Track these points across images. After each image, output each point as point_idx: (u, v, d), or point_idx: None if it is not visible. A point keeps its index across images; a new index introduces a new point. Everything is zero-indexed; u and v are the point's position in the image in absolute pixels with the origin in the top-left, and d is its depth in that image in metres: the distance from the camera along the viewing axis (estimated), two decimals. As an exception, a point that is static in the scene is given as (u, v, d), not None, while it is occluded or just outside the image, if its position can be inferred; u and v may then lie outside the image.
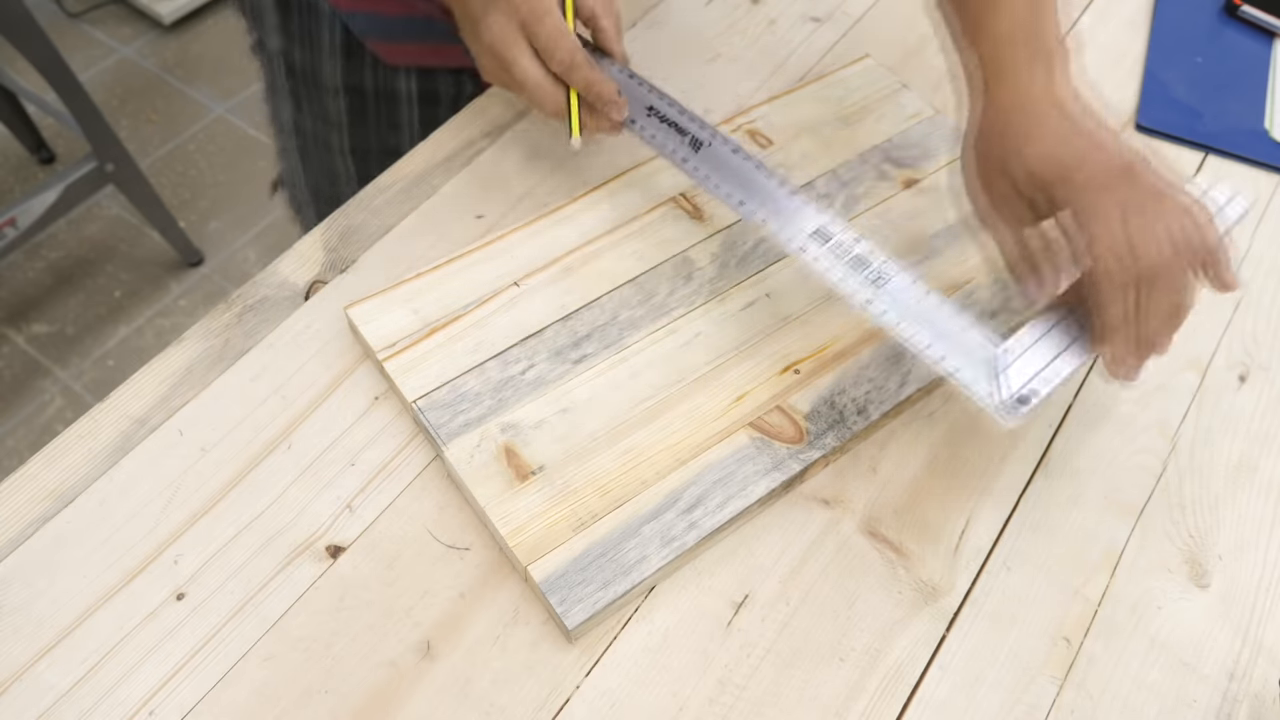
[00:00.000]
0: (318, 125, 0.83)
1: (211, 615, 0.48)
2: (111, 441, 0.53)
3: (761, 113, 0.68)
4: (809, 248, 0.53)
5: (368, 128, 0.83)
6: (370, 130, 0.83)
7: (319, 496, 0.52)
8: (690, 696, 0.47)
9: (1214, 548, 0.53)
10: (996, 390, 0.48)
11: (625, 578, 0.48)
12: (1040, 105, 0.50)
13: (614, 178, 0.64)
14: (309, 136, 0.85)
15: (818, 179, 0.64)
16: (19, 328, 1.63)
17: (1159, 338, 0.47)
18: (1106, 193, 0.46)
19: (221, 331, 0.58)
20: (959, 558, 0.52)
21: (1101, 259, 0.46)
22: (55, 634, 0.47)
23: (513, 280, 0.59)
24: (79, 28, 2.05)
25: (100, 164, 1.48)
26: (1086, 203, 0.47)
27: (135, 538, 0.50)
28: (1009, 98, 0.51)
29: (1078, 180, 0.47)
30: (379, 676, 0.47)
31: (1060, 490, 0.55)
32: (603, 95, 0.58)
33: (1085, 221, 0.46)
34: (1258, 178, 0.70)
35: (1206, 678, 0.49)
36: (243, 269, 1.72)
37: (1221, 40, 0.78)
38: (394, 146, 0.79)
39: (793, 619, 0.50)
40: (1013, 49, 0.52)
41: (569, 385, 0.54)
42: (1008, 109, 0.51)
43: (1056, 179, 0.48)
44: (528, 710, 0.46)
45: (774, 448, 0.53)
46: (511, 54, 0.58)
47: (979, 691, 0.48)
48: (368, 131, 0.83)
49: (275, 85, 0.83)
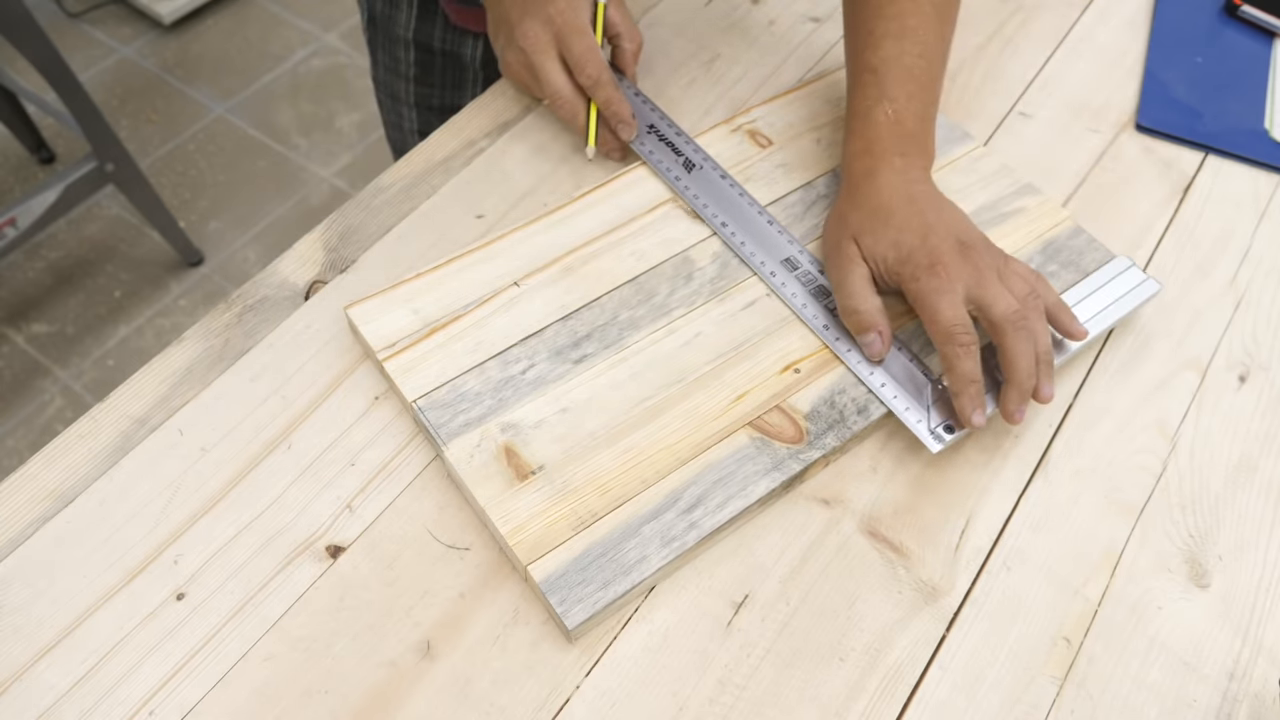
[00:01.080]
0: (389, 75, 0.89)
1: (211, 615, 0.48)
2: (111, 441, 0.53)
3: (761, 113, 0.68)
4: (778, 273, 0.59)
5: (432, 85, 0.87)
6: (435, 87, 0.87)
7: (319, 496, 0.52)
8: (690, 696, 0.47)
9: (1214, 548, 0.53)
10: (925, 419, 0.54)
11: (625, 577, 0.48)
12: (895, 200, 0.56)
13: (614, 178, 0.64)
14: (382, 85, 0.91)
15: (818, 179, 0.64)
16: (19, 328, 1.64)
17: (1029, 382, 0.52)
18: (944, 269, 0.52)
19: (221, 331, 0.58)
20: (959, 558, 0.52)
21: (940, 326, 0.52)
22: (55, 634, 0.47)
23: (513, 280, 0.59)
24: (79, 28, 2.05)
25: (100, 164, 1.48)
26: (925, 283, 0.53)
27: (135, 538, 0.50)
28: (873, 195, 0.56)
29: (919, 260, 0.53)
30: (379, 676, 0.47)
31: (1060, 490, 0.55)
32: (619, 114, 0.64)
33: (925, 297, 0.53)
34: (1258, 178, 0.70)
35: (1206, 678, 0.49)
36: (243, 269, 1.72)
37: (1221, 40, 0.78)
38: (455, 105, 0.81)
39: (793, 619, 0.50)
40: (880, 145, 0.58)
41: (569, 385, 0.54)
42: (870, 204, 0.56)
43: (900, 260, 0.54)
44: (528, 710, 0.46)
45: (774, 447, 0.53)
46: (542, 61, 0.63)
47: (979, 691, 0.48)
48: (432, 89, 0.88)
49: (367, 35, 0.89)
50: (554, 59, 0.64)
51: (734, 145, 0.66)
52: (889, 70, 0.58)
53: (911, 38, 0.59)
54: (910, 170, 0.57)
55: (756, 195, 0.63)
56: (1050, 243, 0.62)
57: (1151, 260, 0.65)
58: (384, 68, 0.89)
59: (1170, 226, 0.66)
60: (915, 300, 0.53)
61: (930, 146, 0.60)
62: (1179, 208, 0.68)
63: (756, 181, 0.64)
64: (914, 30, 0.59)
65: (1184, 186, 0.69)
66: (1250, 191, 0.69)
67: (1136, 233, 0.66)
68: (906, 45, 0.59)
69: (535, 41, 0.63)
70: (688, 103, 0.71)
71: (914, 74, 0.58)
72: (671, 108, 0.70)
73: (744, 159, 0.65)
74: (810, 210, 0.63)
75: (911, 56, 0.59)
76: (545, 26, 0.63)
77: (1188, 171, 0.70)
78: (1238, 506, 0.55)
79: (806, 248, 0.60)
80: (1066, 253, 0.61)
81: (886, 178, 0.56)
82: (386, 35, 0.85)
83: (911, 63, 0.59)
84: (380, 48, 0.87)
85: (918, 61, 0.59)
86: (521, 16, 0.64)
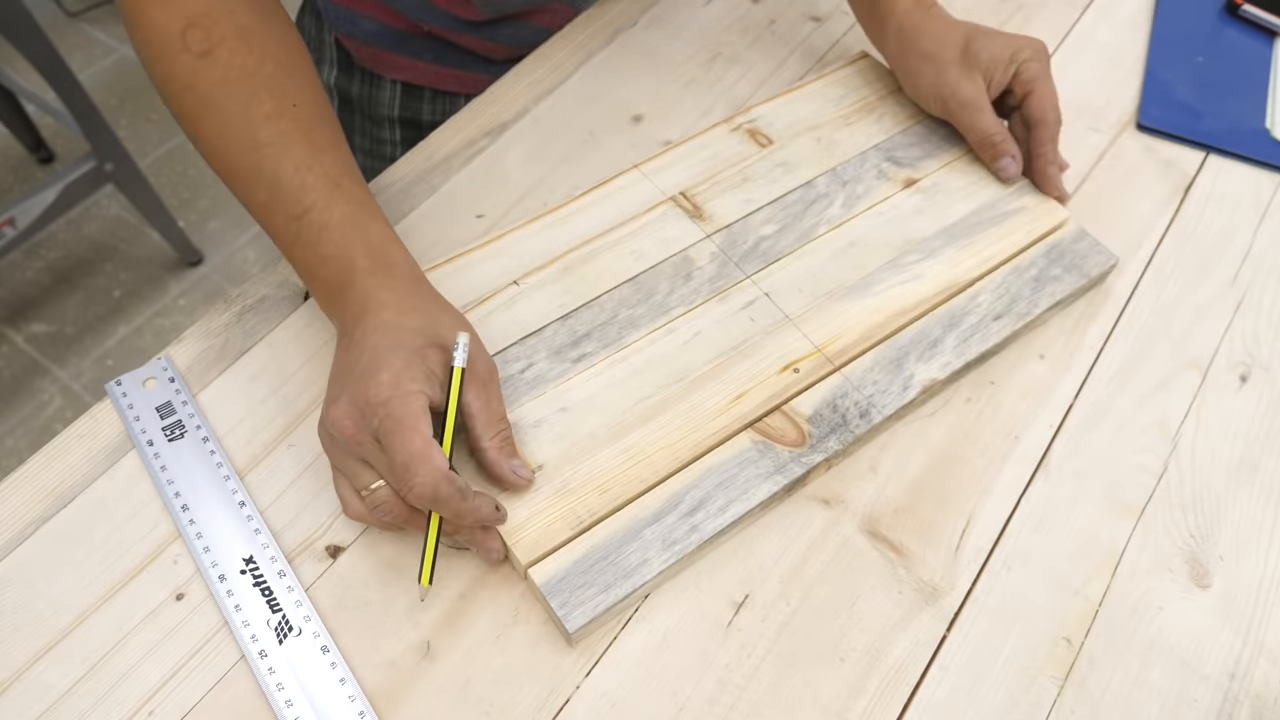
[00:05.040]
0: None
1: (211, 615, 0.48)
2: (111, 441, 0.53)
3: (761, 112, 0.68)
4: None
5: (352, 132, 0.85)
6: (355, 134, 0.85)
7: (319, 496, 0.52)
8: (690, 697, 0.47)
9: (1215, 548, 0.53)
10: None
11: (626, 581, 0.48)
12: (955, 23, 0.66)
13: (614, 177, 0.64)
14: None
15: (818, 179, 0.64)
16: (18, 327, 1.63)
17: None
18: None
19: (221, 331, 0.58)
20: (959, 558, 0.52)
21: (1055, 103, 0.63)
22: (55, 634, 0.47)
23: (512, 279, 0.58)
24: (78, 27, 2.05)
25: (99, 163, 1.48)
26: (1044, 65, 0.64)
27: (135, 538, 0.50)
28: (947, 20, 0.66)
29: (1035, 45, 0.64)
30: (379, 676, 0.47)
31: (1061, 490, 0.55)
32: (481, 525, 0.47)
33: (1036, 76, 0.63)
34: (1258, 177, 0.70)
35: (1207, 678, 0.49)
36: (242, 269, 1.72)
37: (1222, 40, 0.78)
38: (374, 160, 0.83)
39: (793, 619, 0.49)
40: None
41: (568, 384, 0.54)
42: (954, 25, 0.66)
43: (1019, 48, 0.63)
44: (528, 710, 0.46)
45: (776, 451, 0.53)
46: (342, 465, 0.47)
47: (980, 692, 0.48)
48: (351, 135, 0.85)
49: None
50: (359, 465, 0.46)
51: (734, 145, 0.66)
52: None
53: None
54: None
55: (756, 195, 0.63)
56: (1054, 246, 0.62)
57: (1152, 260, 0.65)
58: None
59: (1171, 226, 0.66)
60: (1035, 79, 0.62)
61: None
62: (1180, 207, 0.67)
63: (756, 181, 0.64)
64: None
65: (1185, 186, 0.69)
66: (1251, 191, 0.69)
67: (1137, 232, 0.66)
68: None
69: (341, 434, 0.46)
70: (688, 103, 0.71)
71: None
72: (672, 108, 0.70)
73: (744, 159, 0.65)
74: (810, 209, 0.63)
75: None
76: (361, 418, 0.45)
77: (1189, 171, 0.70)
78: (1239, 506, 0.55)
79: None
80: (1070, 256, 0.61)
81: (938, 9, 0.66)
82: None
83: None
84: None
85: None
86: (338, 394, 0.47)
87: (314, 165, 0.51)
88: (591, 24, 0.75)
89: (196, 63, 0.51)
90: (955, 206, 0.63)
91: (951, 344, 0.57)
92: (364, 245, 0.50)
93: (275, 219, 0.51)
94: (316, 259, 0.51)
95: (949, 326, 0.58)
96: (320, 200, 0.50)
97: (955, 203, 0.63)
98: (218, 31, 0.51)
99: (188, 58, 0.51)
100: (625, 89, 0.71)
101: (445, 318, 0.50)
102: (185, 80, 0.51)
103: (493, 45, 0.75)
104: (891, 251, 0.61)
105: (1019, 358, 0.59)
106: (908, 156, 0.66)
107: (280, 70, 0.52)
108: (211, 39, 0.51)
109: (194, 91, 0.51)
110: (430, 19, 0.73)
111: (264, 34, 0.53)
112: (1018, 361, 0.59)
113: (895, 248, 0.61)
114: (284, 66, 0.53)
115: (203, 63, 0.51)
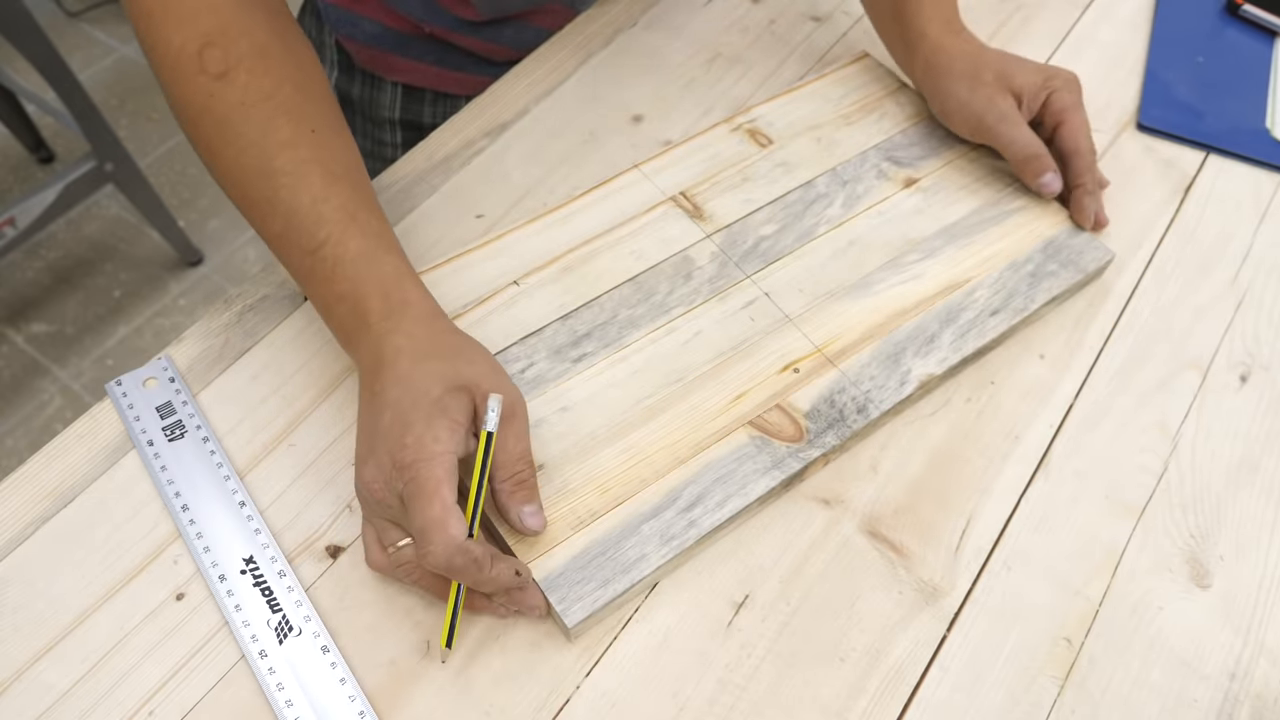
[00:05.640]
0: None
1: (211, 615, 0.48)
2: (111, 441, 0.53)
3: (761, 112, 0.68)
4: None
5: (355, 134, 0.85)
6: (357, 136, 0.85)
7: (319, 496, 0.52)
8: (690, 696, 0.47)
9: (1215, 548, 0.53)
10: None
11: (625, 576, 0.48)
12: (983, 49, 0.66)
13: (614, 177, 0.64)
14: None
15: (818, 178, 0.64)
16: (18, 327, 1.63)
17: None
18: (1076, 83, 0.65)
19: (221, 331, 0.58)
20: (959, 558, 0.52)
21: (1085, 125, 0.64)
22: (55, 634, 0.47)
23: (512, 279, 0.58)
24: (78, 27, 2.05)
25: (99, 163, 1.48)
26: (1076, 95, 0.64)
27: (135, 538, 0.50)
28: (976, 44, 0.66)
29: (1063, 75, 0.64)
30: (379, 676, 0.47)
31: (1061, 490, 0.55)
32: (514, 599, 0.47)
33: (1067, 106, 0.63)
34: (1259, 177, 0.70)
35: (1208, 678, 0.49)
36: (242, 268, 1.72)
37: (1223, 40, 0.78)
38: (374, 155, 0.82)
39: (793, 619, 0.49)
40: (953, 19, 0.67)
41: (568, 384, 0.54)
42: (984, 50, 0.66)
43: (1049, 76, 0.64)
44: (528, 710, 0.46)
45: (773, 446, 0.53)
46: (372, 521, 0.47)
47: (980, 692, 0.48)
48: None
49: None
50: (387, 523, 0.46)
51: (734, 145, 0.66)
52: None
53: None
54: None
55: (756, 195, 0.63)
56: (1050, 242, 0.62)
57: (1153, 259, 0.65)
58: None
59: (1171, 226, 0.66)
60: (1067, 109, 0.63)
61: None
62: (1180, 207, 0.67)
63: (756, 181, 0.64)
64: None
65: (1185, 186, 0.69)
66: (1251, 191, 0.69)
67: (1138, 232, 0.66)
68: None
69: (371, 495, 0.46)
70: (688, 103, 0.71)
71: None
72: (672, 108, 0.70)
73: (744, 158, 0.65)
74: (810, 209, 0.63)
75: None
76: (387, 482, 0.45)
77: (1189, 171, 0.70)
78: (1239, 506, 0.55)
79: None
80: (1066, 252, 0.61)
81: (968, 34, 0.66)
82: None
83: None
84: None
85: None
86: (367, 455, 0.46)
87: (330, 196, 0.50)
88: (591, 24, 0.75)
89: (213, 84, 0.50)
90: (955, 206, 0.63)
91: (948, 339, 0.57)
92: (378, 284, 0.50)
93: (291, 253, 0.51)
94: (332, 296, 0.50)
95: (946, 322, 0.58)
96: (335, 234, 0.50)
97: (955, 202, 0.64)
98: (235, 51, 0.50)
99: (204, 79, 0.50)
100: (625, 89, 0.71)
101: (462, 355, 0.49)
102: (201, 103, 0.51)
103: (493, 47, 0.75)
104: (891, 251, 0.61)
105: (1019, 357, 0.59)
106: (908, 156, 0.66)
107: (298, 93, 0.52)
108: (229, 59, 0.50)
109: (210, 114, 0.51)
110: (431, 20, 0.73)
111: (282, 54, 0.52)
112: (1018, 361, 0.59)
113: (895, 247, 0.61)
114: (301, 89, 0.52)
115: (219, 84, 0.50)
